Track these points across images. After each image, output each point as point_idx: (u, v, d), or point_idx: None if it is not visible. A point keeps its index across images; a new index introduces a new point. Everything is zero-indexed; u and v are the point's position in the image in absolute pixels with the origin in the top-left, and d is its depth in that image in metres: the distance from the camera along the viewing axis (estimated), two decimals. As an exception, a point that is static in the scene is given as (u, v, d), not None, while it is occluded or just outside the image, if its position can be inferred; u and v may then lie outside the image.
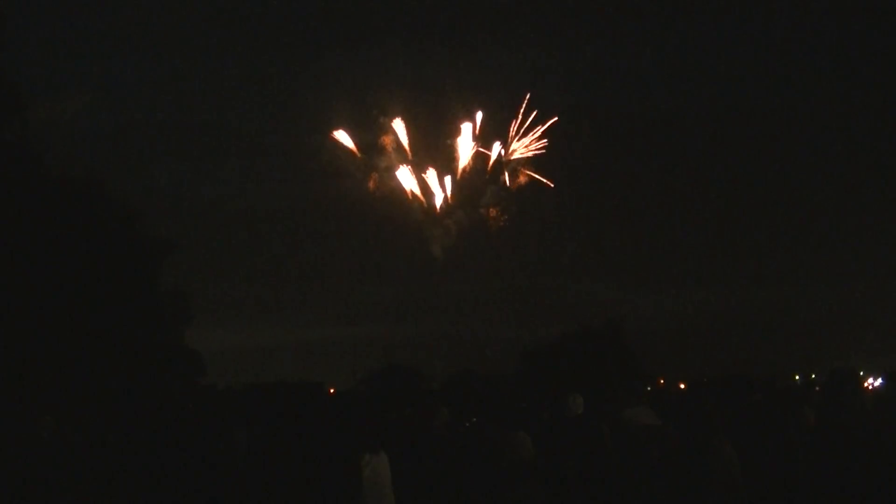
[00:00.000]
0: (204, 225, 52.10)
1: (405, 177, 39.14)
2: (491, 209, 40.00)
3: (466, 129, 38.62)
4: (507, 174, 39.10)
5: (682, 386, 36.57)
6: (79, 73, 71.17)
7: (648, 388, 41.18)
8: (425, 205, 39.29)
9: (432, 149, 38.78)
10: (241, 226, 57.05)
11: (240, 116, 68.03)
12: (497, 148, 38.97)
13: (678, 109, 62.95)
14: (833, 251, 61.48)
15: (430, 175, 39.15)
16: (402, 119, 38.47)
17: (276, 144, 58.65)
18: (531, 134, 38.52)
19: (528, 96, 38.38)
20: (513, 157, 38.91)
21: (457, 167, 38.95)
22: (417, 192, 39.19)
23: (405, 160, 38.74)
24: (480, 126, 38.70)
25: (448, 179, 39.28)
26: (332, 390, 38.34)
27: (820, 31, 69.04)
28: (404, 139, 38.50)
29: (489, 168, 39.21)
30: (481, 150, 39.04)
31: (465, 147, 38.75)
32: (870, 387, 19.12)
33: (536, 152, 39.00)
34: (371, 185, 39.30)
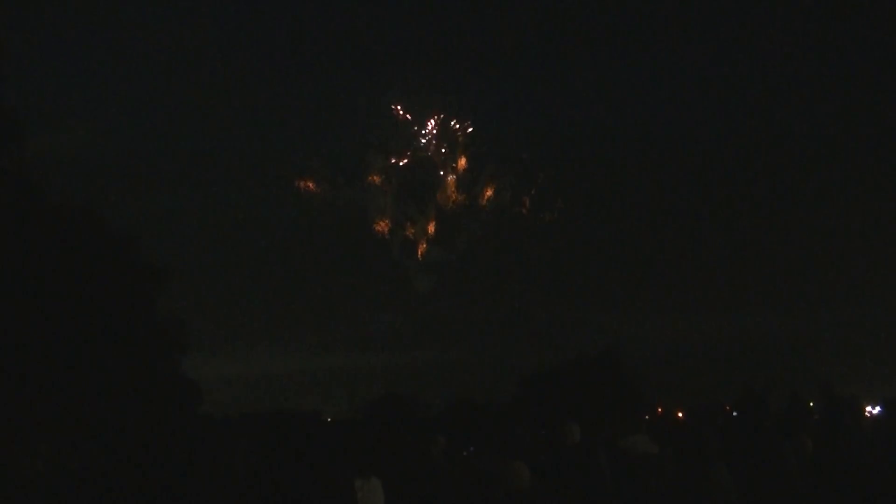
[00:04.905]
0: (201, 253, 52.12)
1: (385, 213, 39.23)
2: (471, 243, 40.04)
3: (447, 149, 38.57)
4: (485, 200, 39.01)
5: (680, 414, 36.44)
6: (77, 102, 71.64)
7: (647, 417, 40.98)
8: (409, 237, 39.34)
9: (414, 186, 38.95)
10: (238, 255, 57.11)
11: (237, 146, 68.41)
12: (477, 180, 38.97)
13: (678, 134, 63.36)
14: (832, 279, 61.57)
15: (409, 211, 39.24)
16: (387, 154, 38.64)
17: (272, 174, 58.85)
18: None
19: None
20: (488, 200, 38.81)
21: (438, 204, 39.04)
22: (397, 229, 39.25)
23: (387, 198, 38.86)
24: (464, 166, 38.76)
25: (428, 212, 39.31)
26: (329, 419, 38.21)
27: (812, 51, 69.68)
28: (388, 177, 38.62)
29: (483, 200, 39.20)
30: (458, 187, 39.06)
31: (446, 185, 38.83)
32: (868, 414, 19.07)
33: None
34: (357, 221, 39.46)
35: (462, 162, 38.81)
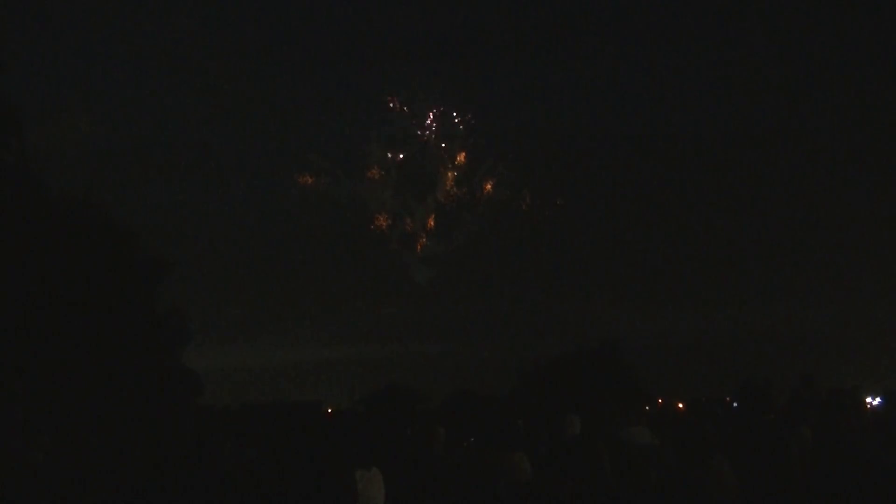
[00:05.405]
0: (202, 246, 52.14)
1: (385, 207, 39.26)
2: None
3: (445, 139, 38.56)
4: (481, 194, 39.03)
5: (681, 406, 36.47)
6: (77, 95, 71.60)
7: (647, 408, 40.97)
8: (408, 230, 39.39)
9: (412, 179, 38.97)
10: (238, 247, 57.10)
11: (238, 139, 68.37)
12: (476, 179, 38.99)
13: (678, 129, 63.29)
14: (833, 271, 61.54)
15: (408, 205, 39.27)
16: (386, 149, 38.65)
17: (272, 168, 58.85)
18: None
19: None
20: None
21: (436, 197, 39.07)
22: (394, 220, 39.26)
23: (386, 191, 38.89)
24: (463, 158, 38.77)
25: (428, 207, 39.33)
26: (329, 410, 38.29)
27: (810, 50, 69.59)
28: (388, 171, 38.65)
29: (482, 194, 39.22)
30: (457, 178, 39.08)
31: (445, 179, 38.84)
32: (869, 405, 19.05)
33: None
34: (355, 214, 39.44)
35: (461, 156, 38.85)
